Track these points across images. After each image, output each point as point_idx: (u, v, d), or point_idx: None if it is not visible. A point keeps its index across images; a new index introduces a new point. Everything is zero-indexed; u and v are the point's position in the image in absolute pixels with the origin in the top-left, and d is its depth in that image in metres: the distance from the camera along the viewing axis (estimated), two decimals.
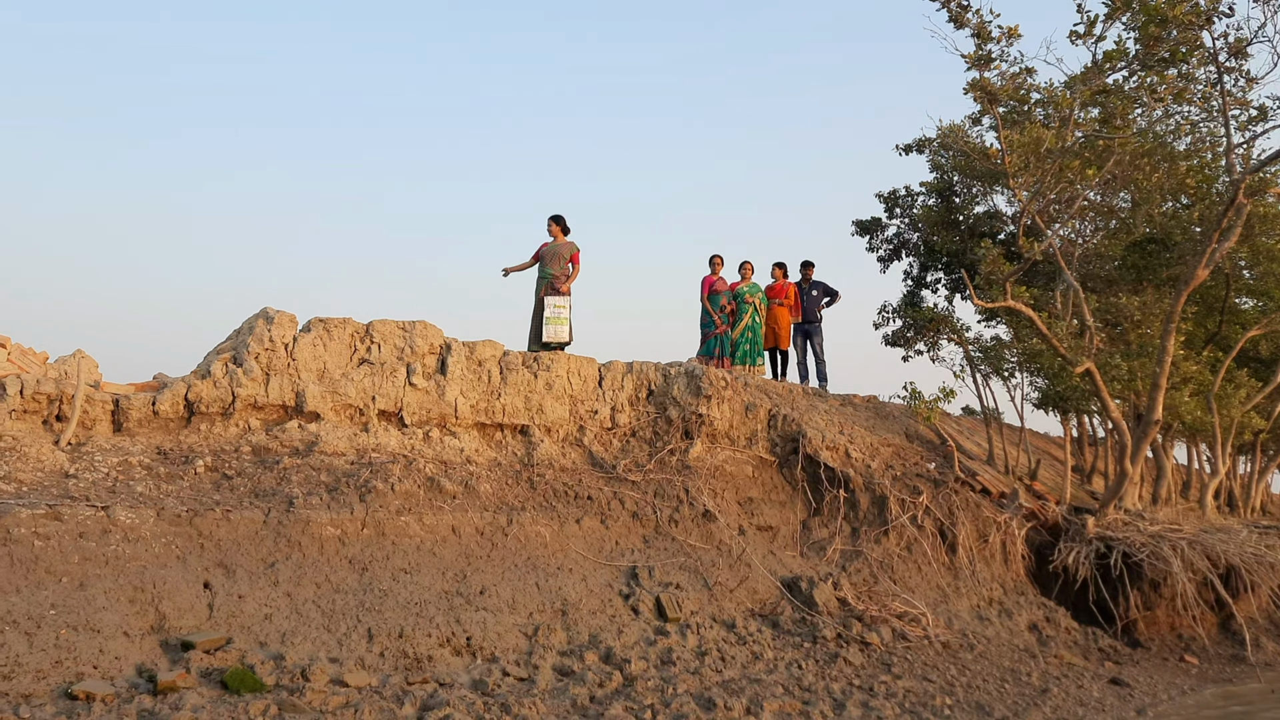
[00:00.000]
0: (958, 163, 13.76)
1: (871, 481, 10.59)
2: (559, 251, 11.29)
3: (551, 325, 10.90)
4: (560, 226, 11.38)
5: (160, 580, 6.26)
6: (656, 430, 10.44)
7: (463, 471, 8.72)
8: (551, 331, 10.86)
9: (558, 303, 10.99)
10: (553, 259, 11.27)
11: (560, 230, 11.39)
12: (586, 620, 7.65)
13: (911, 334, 13.95)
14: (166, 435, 8.06)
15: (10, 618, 5.51)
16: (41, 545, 6.07)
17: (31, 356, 8.17)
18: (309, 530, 7.20)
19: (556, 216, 11.38)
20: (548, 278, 11.22)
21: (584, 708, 6.20)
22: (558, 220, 11.38)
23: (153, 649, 5.87)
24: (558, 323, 10.90)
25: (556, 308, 10.96)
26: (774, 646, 8.00)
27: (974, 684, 7.91)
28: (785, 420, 10.94)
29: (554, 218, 11.39)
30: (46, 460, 7.07)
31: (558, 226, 11.38)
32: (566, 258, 11.29)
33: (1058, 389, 12.79)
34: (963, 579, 10.24)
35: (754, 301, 12.87)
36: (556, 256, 11.28)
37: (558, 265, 11.25)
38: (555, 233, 11.41)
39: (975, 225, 14.29)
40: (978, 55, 9.69)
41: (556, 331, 10.87)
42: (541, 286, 11.27)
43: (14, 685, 5.20)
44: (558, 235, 11.40)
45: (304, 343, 8.70)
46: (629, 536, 8.96)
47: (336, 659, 6.24)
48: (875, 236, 15.52)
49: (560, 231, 11.39)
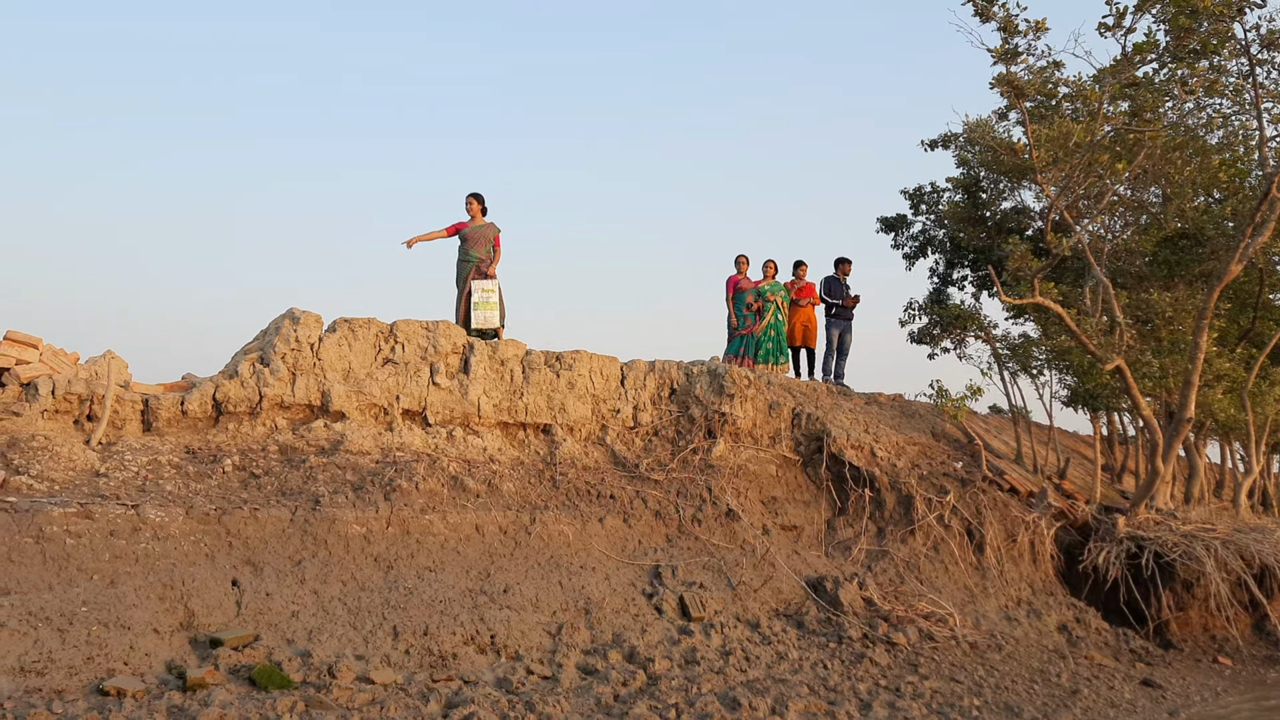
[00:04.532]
0: (984, 158, 13.64)
1: (897, 481, 10.52)
2: (484, 234, 10.77)
3: (481, 310, 10.42)
4: (481, 205, 10.83)
5: (189, 578, 6.33)
6: (679, 429, 10.43)
7: (486, 470, 8.75)
8: (482, 317, 10.40)
9: (486, 287, 10.51)
10: (477, 241, 10.72)
11: (480, 210, 10.84)
12: (610, 619, 7.66)
13: (938, 331, 13.83)
14: (195, 435, 8.14)
15: (43, 614, 5.59)
16: (73, 543, 6.15)
17: (62, 357, 8.28)
18: (335, 528, 7.26)
19: (478, 194, 10.80)
20: (473, 261, 10.66)
21: (608, 706, 6.20)
22: (479, 199, 10.81)
23: (182, 646, 5.93)
24: (488, 308, 10.45)
25: (485, 292, 10.49)
26: (799, 647, 7.96)
27: (1003, 685, 7.84)
28: (809, 419, 10.89)
29: (475, 195, 10.80)
30: (78, 459, 7.17)
31: (479, 205, 10.82)
32: (491, 239, 10.84)
33: (1087, 386, 12.63)
34: (990, 579, 10.14)
35: (776, 300, 12.82)
36: (482, 239, 10.74)
37: (483, 248, 10.72)
38: (475, 212, 10.83)
39: (1002, 221, 14.15)
40: (1004, 49, 9.59)
41: (487, 317, 10.42)
42: (466, 270, 10.68)
43: (47, 681, 5.27)
44: (477, 215, 10.84)
45: (329, 343, 8.77)
46: (652, 536, 8.96)
47: (362, 656, 6.28)
48: (900, 233, 15.42)
49: (480, 211, 10.84)
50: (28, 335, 7.87)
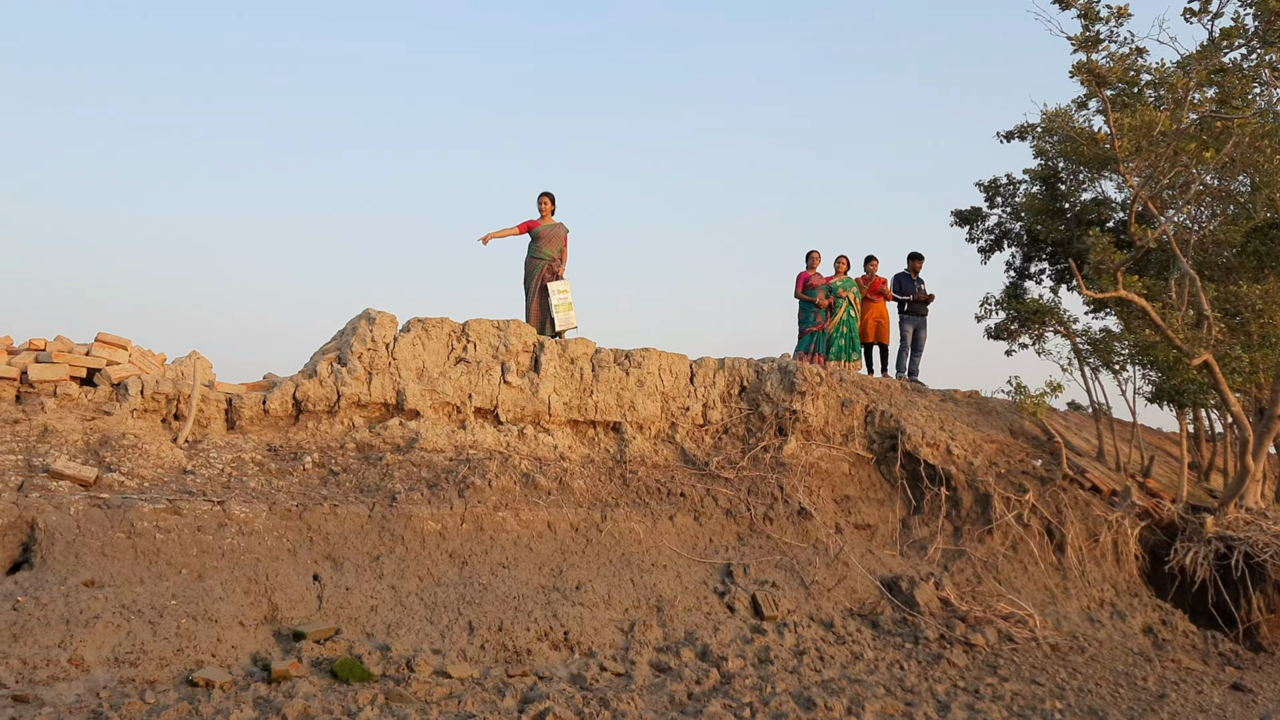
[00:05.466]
0: (1063, 148, 13.30)
1: (974, 479, 10.33)
2: (556, 232, 10.72)
3: (561, 313, 10.39)
4: (553, 205, 10.78)
5: (272, 572, 6.50)
6: (750, 427, 10.37)
7: (557, 468, 8.82)
8: (564, 319, 10.36)
9: (562, 288, 10.49)
10: (550, 239, 10.67)
11: (552, 209, 10.79)
12: (682, 617, 7.65)
13: (1015, 327, 13.53)
14: (276, 433, 8.35)
15: (135, 607, 5.79)
16: (163, 538, 6.36)
17: (150, 358, 8.57)
18: (411, 525, 7.39)
19: (550, 194, 10.76)
20: (545, 259, 10.62)
21: (681, 704, 6.20)
22: (551, 198, 10.76)
23: (266, 638, 6.09)
24: (566, 309, 10.41)
25: (562, 293, 10.47)
26: (874, 647, 7.87)
27: (1086, 688, 7.64)
28: (883, 416, 10.75)
29: (548, 194, 10.75)
30: (165, 457, 7.41)
31: (550, 204, 10.77)
32: (562, 239, 10.79)
33: (1173, 382, 12.23)
34: (1072, 580, 9.90)
35: (848, 296, 12.67)
36: (554, 237, 10.69)
37: (554, 246, 10.68)
38: (547, 211, 10.78)
39: (1082, 213, 13.79)
40: (1084, 37, 9.34)
41: (568, 318, 10.39)
42: (537, 268, 10.64)
43: (139, 672, 5.46)
44: (548, 214, 10.79)
45: (404, 342, 8.92)
46: (723, 534, 8.93)
47: (439, 651, 6.38)
48: (975, 226, 15.12)
49: (551, 210, 10.79)
50: (118, 337, 8.16)
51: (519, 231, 10.75)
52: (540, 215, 10.86)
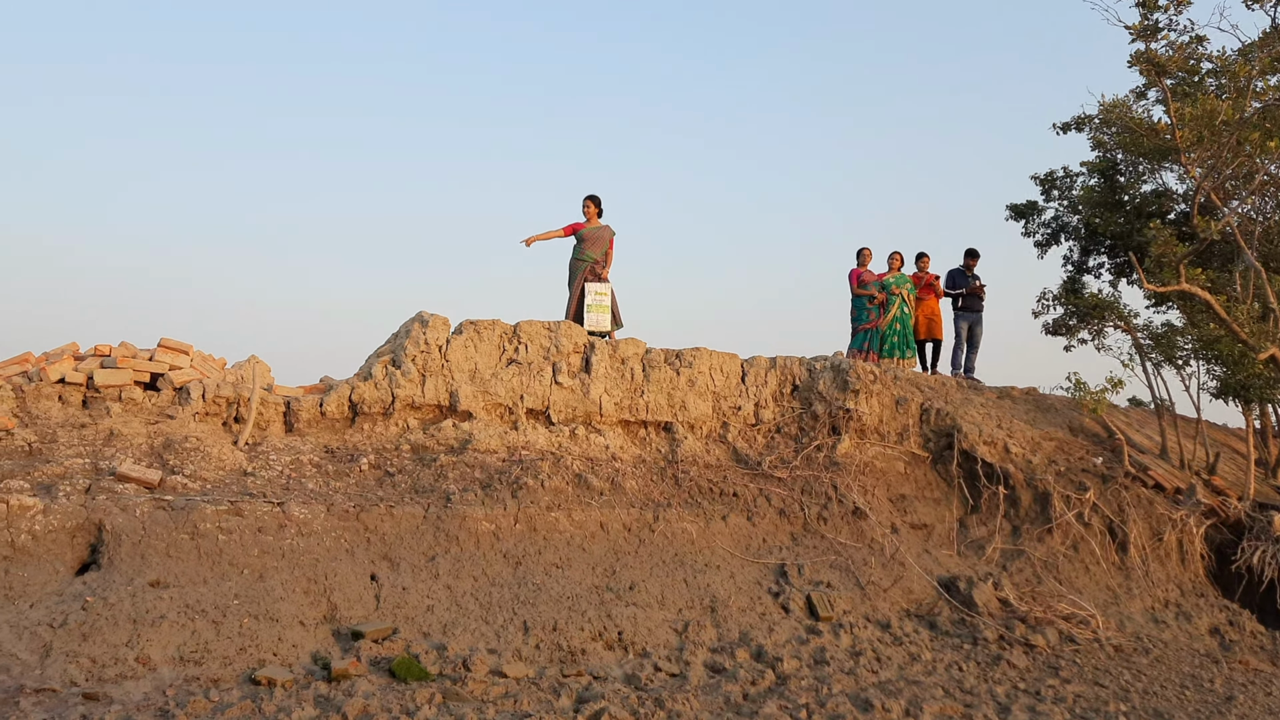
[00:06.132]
0: (1122, 140, 13.04)
1: (1033, 477, 10.15)
2: (601, 235, 10.79)
3: (594, 313, 10.46)
4: (598, 208, 10.86)
5: (331, 572, 6.60)
6: (802, 426, 10.30)
7: (609, 468, 8.83)
8: (594, 320, 10.43)
9: (599, 290, 10.56)
10: (595, 242, 10.74)
11: (597, 212, 10.87)
12: (736, 618, 7.62)
13: (1074, 322, 13.30)
14: (333, 435, 8.48)
15: (199, 607, 5.91)
16: (225, 539, 6.49)
17: (211, 362, 8.75)
18: (465, 525, 7.45)
19: (595, 197, 10.84)
20: (588, 261, 10.68)
21: (737, 705, 6.17)
22: (596, 201, 10.84)
23: (326, 638, 6.19)
24: (600, 310, 10.48)
25: (598, 295, 10.53)
26: (932, 648, 7.77)
27: (1151, 690, 7.47)
28: (939, 414, 10.61)
29: (593, 198, 10.84)
30: (227, 459, 7.56)
31: (595, 207, 10.84)
32: (607, 241, 10.85)
33: (1238, 377, 11.90)
34: (1135, 580, 9.68)
35: (901, 292, 12.52)
36: (599, 240, 10.76)
37: (599, 249, 10.75)
38: (592, 214, 10.85)
39: (1142, 205, 13.50)
40: (1143, 25, 9.15)
41: (599, 320, 10.45)
42: (581, 269, 10.71)
43: (204, 670, 5.58)
44: (594, 217, 10.86)
45: (456, 345, 9.00)
46: (776, 534, 8.88)
47: (495, 650, 6.43)
48: (1031, 220, 14.88)
49: (597, 214, 10.87)
50: (179, 342, 8.34)
51: (564, 234, 10.84)
52: (585, 218, 10.93)
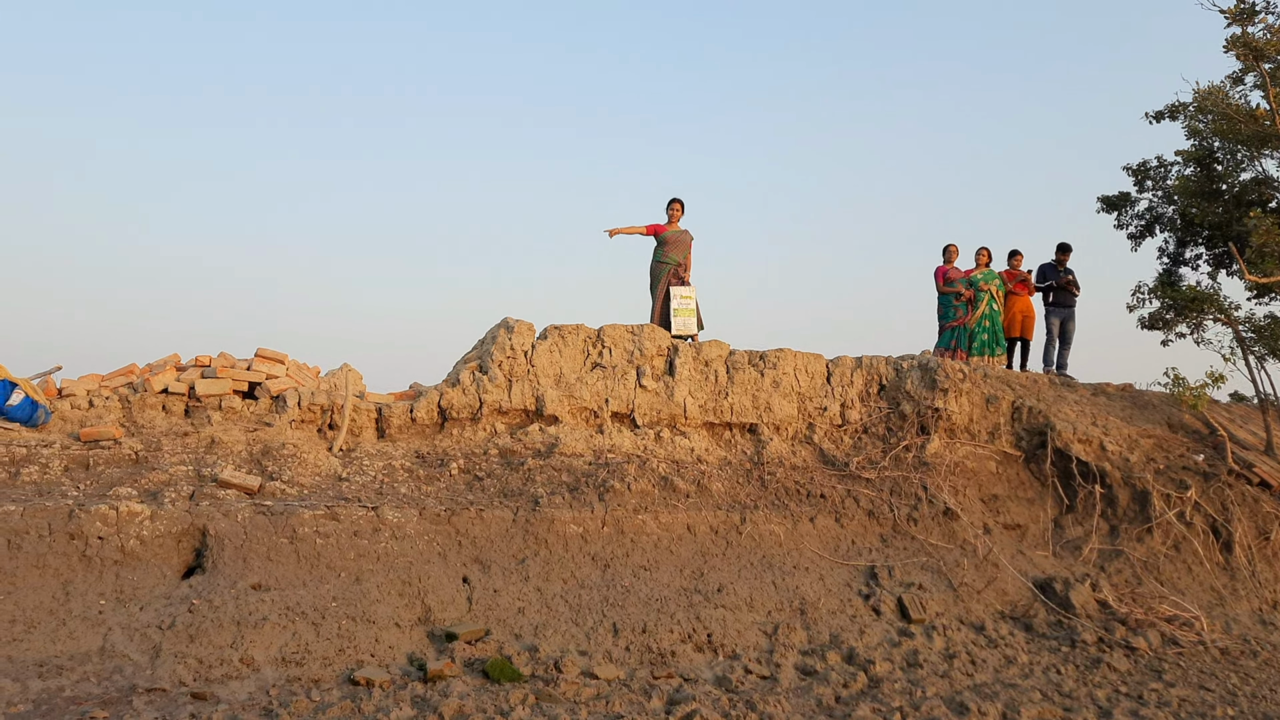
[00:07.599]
0: (1218, 127, 12.54)
1: (1130, 476, 9.82)
2: (682, 239, 10.81)
3: (680, 317, 10.45)
4: (682, 210, 10.88)
5: (424, 575, 6.73)
6: (890, 426, 10.15)
7: (694, 470, 8.83)
8: (681, 324, 10.41)
9: (684, 293, 10.56)
10: (676, 245, 10.76)
11: (680, 215, 10.89)
12: (826, 620, 7.55)
13: (1171, 315, 12.83)
14: (423, 440, 8.65)
15: (299, 609, 6.09)
16: (322, 543, 6.68)
17: (305, 371, 9.01)
18: (554, 528, 7.53)
19: (679, 199, 10.89)
20: (670, 264, 10.70)
21: (829, 708, 6.11)
22: (680, 203, 10.87)
23: (420, 639, 6.32)
24: (686, 314, 10.47)
25: (684, 299, 10.53)
26: (1028, 650, 7.58)
27: (1260, 694, 7.16)
28: (1031, 412, 10.34)
29: (677, 200, 10.88)
30: (322, 465, 7.77)
31: (680, 210, 10.88)
32: (688, 245, 10.85)
33: None
34: (1241, 580, 9.31)
35: (990, 289, 12.24)
36: (680, 243, 10.78)
37: (681, 252, 10.77)
38: (675, 216, 10.88)
39: (1241, 194, 12.97)
40: (1239, 9, 8.83)
41: (685, 324, 10.43)
42: (664, 272, 10.71)
43: (305, 671, 5.75)
44: (676, 219, 10.88)
45: (541, 350, 9.10)
46: (865, 535, 8.76)
47: (585, 652, 6.48)
48: (1124, 212, 14.42)
49: (680, 216, 10.90)
50: (275, 351, 8.61)
51: (645, 232, 10.87)
52: (669, 220, 10.95)
